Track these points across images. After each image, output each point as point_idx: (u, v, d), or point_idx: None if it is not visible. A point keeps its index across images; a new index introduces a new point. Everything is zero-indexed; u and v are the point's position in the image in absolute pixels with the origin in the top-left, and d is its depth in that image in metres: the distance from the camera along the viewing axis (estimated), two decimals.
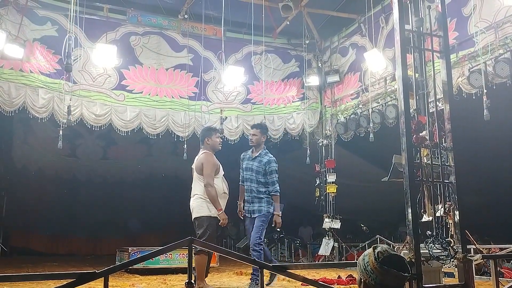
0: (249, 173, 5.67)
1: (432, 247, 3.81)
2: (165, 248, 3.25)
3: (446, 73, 4.08)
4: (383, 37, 8.98)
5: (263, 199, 5.56)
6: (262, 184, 5.60)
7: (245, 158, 5.81)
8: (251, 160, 5.71)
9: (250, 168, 5.67)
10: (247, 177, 5.69)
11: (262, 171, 5.60)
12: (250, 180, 5.66)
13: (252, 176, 5.64)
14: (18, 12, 8.20)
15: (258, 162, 5.63)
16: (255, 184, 5.61)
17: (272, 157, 5.75)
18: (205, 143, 5.52)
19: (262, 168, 5.60)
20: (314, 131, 10.75)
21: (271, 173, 5.62)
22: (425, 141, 4.04)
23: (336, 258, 9.98)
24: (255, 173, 5.62)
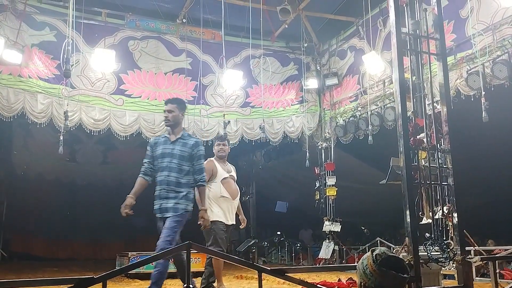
0: (168, 160, 4.45)
1: (431, 249, 3.81)
2: (164, 252, 3.25)
3: (443, 76, 4.08)
4: (381, 39, 9.00)
5: (181, 193, 4.40)
6: (185, 173, 4.45)
7: (158, 143, 4.60)
8: (169, 143, 4.52)
9: (170, 154, 4.46)
10: (165, 165, 4.45)
11: (187, 156, 4.46)
12: (169, 169, 4.43)
13: (172, 164, 4.43)
14: (16, 18, 8.22)
15: (182, 146, 4.48)
16: (175, 174, 4.43)
17: (199, 139, 4.79)
18: None
19: (187, 152, 4.46)
20: (313, 134, 10.76)
21: (199, 158, 4.52)
22: (423, 143, 4.04)
23: (336, 261, 9.96)
24: (177, 159, 4.44)
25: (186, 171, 4.45)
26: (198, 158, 4.51)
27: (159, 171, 4.50)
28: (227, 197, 5.46)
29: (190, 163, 4.48)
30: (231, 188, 5.51)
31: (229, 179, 5.53)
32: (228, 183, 5.52)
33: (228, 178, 5.53)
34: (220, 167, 5.55)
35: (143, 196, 4.67)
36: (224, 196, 5.45)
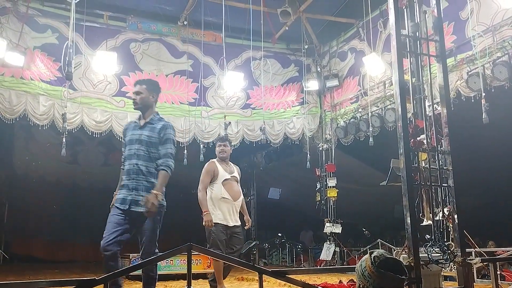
0: (136, 147, 3.94)
1: (431, 250, 3.82)
2: (165, 254, 3.26)
3: (443, 77, 4.11)
4: (381, 41, 9.02)
5: (152, 184, 3.88)
6: (155, 161, 3.93)
7: (128, 128, 4.13)
8: (138, 129, 4.02)
9: (138, 140, 3.95)
10: (132, 153, 3.95)
11: (156, 141, 3.94)
12: (137, 157, 3.93)
13: (140, 151, 3.93)
14: (18, 20, 8.25)
15: (150, 130, 3.96)
16: (143, 162, 3.92)
17: (169, 122, 4.13)
18: None
19: (156, 137, 3.94)
20: (314, 136, 10.78)
21: (165, 142, 3.95)
22: (423, 145, 4.06)
23: (337, 263, 9.96)
24: (145, 145, 3.93)
25: (156, 159, 3.93)
26: (165, 142, 3.95)
27: (127, 159, 4.01)
28: (227, 199, 5.46)
29: (159, 149, 3.95)
30: (232, 190, 5.48)
31: (231, 180, 5.51)
32: (230, 184, 5.50)
33: (230, 179, 5.51)
34: (222, 169, 5.55)
35: None
36: (225, 198, 5.44)
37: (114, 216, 3.88)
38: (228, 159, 5.62)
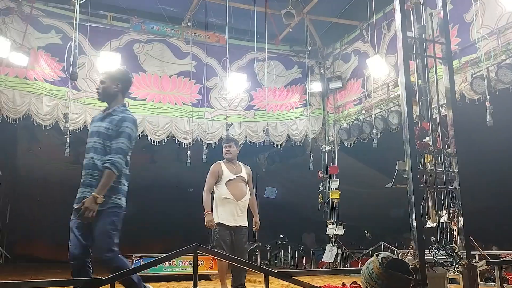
0: (95, 140, 3.53)
1: (437, 253, 3.81)
2: (171, 254, 3.26)
3: (448, 80, 4.10)
4: (385, 43, 9.01)
5: None
6: None
7: (93, 120, 3.75)
8: (99, 120, 3.62)
9: (96, 132, 3.54)
10: (90, 146, 3.54)
11: (113, 134, 3.49)
12: (94, 150, 3.50)
13: (97, 144, 3.50)
14: (22, 21, 8.27)
15: (109, 122, 3.53)
16: (98, 156, 3.47)
17: (131, 115, 3.62)
18: None
19: (113, 129, 3.50)
20: (317, 137, 10.78)
21: (120, 135, 3.48)
22: (429, 147, 4.06)
23: (340, 265, 9.95)
24: (102, 138, 3.50)
25: None
26: (118, 135, 3.48)
27: (85, 152, 3.60)
28: (230, 199, 5.46)
29: None
30: (235, 190, 5.48)
31: (236, 181, 5.51)
32: (234, 184, 5.50)
33: (235, 180, 5.51)
34: (227, 169, 5.56)
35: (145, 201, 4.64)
36: (227, 198, 5.45)
37: (72, 220, 3.59)
38: (235, 160, 5.63)
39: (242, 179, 5.55)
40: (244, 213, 5.49)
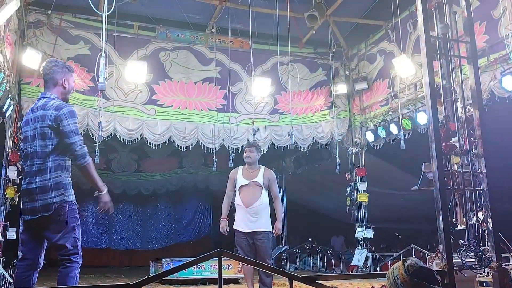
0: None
1: (465, 256, 3.74)
2: (196, 259, 3.30)
3: (474, 79, 4.02)
4: (411, 42, 8.88)
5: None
6: None
7: None
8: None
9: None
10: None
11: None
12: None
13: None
14: (52, 33, 8.53)
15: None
16: None
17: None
18: None
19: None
20: (344, 140, 10.69)
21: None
22: (455, 148, 3.98)
23: (370, 268, 9.84)
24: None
25: None
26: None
27: None
28: (240, 205, 5.50)
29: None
30: (246, 196, 5.47)
31: (248, 186, 5.49)
32: (246, 190, 5.49)
33: (247, 186, 5.49)
34: (241, 175, 5.57)
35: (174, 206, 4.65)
36: (238, 204, 5.53)
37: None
38: (254, 164, 5.60)
39: (256, 184, 5.47)
40: (259, 218, 5.41)
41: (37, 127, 3.31)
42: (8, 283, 7.80)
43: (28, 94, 8.34)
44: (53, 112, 3.30)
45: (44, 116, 3.31)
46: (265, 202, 5.51)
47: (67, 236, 3.28)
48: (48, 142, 3.30)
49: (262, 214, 5.45)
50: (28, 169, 3.32)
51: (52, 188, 3.28)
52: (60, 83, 3.49)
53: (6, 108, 6.82)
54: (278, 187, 5.77)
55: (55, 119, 3.29)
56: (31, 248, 3.35)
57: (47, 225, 3.26)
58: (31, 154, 3.32)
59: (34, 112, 3.39)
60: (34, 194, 3.26)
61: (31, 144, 3.33)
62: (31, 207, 3.26)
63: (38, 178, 3.28)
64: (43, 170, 3.28)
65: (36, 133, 3.31)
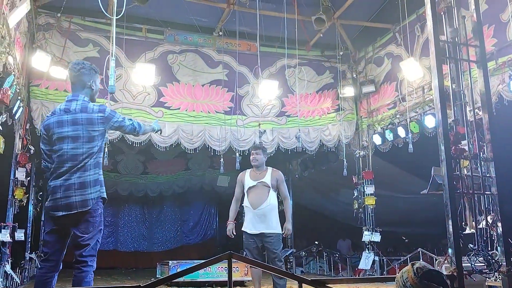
0: None
1: (475, 260, 3.72)
2: (206, 262, 3.31)
3: (483, 83, 4.02)
4: (419, 45, 8.87)
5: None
6: None
7: None
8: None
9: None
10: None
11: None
12: None
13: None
14: (61, 36, 8.60)
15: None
16: None
17: None
18: None
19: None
20: (351, 142, 10.68)
21: None
22: (465, 152, 3.98)
23: (377, 272, 9.80)
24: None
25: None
26: None
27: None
28: (248, 207, 5.52)
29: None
30: (253, 197, 5.48)
31: (256, 188, 5.49)
32: (253, 192, 5.51)
33: (255, 187, 5.49)
34: (249, 177, 5.59)
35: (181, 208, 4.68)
36: (246, 206, 5.54)
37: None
38: (261, 166, 5.61)
39: (264, 185, 5.47)
40: (267, 220, 5.39)
41: (83, 130, 3.40)
42: (16, 283, 7.84)
43: (37, 96, 8.42)
44: (99, 115, 3.45)
45: (91, 119, 3.43)
46: (273, 203, 5.49)
47: (94, 238, 3.38)
48: (95, 144, 3.43)
49: (271, 216, 5.43)
50: (68, 168, 3.36)
51: (91, 185, 3.38)
52: (88, 85, 3.57)
53: (15, 110, 6.86)
54: (287, 187, 5.73)
55: (105, 120, 3.46)
56: (58, 249, 3.41)
57: (78, 223, 3.33)
58: (72, 155, 3.37)
59: (72, 113, 3.44)
60: (71, 190, 3.32)
61: (70, 145, 3.38)
62: (67, 202, 3.31)
63: (77, 174, 3.35)
64: (83, 168, 3.37)
65: (81, 135, 3.40)
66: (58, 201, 3.33)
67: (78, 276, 3.32)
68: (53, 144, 3.43)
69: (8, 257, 7.47)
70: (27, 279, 9.01)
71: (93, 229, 3.37)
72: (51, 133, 3.43)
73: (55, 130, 3.42)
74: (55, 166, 3.40)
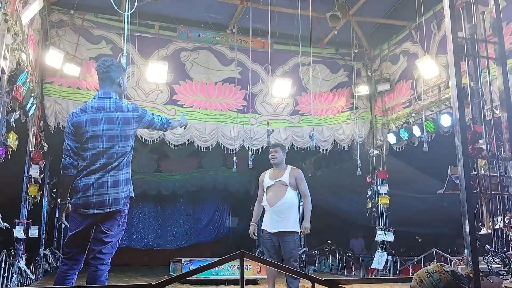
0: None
1: (491, 261, 3.64)
2: (219, 260, 3.28)
3: (502, 80, 3.91)
4: (435, 43, 8.72)
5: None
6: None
7: None
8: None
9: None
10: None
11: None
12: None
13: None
14: (74, 33, 8.63)
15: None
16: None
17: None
18: None
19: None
20: (365, 141, 10.56)
21: None
22: (482, 151, 3.88)
23: (390, 272, 9.69)
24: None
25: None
26: None
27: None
28: (266, 205, 5.51)
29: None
30: (271, 196, 5.48)
31: (274, 186, 5.48)
32: (271, 190, 5.50)
33: (273, 185, 5.48)
34: (267, 176, 5.59)
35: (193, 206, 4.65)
36: (265, 205, 5.52)
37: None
38: (281, 164, 5.60)
39: (282, 183, 5.44)
40: (284, 218, 5.35)
41: (119, 129, 3.42)
42: (30, 280, 7.91)
43: (50, 94, 8.47)
44: (134, 113, 3.50)
45: (128, 119, 3.46)
46: (290, 201, 5.44)
47: (117, 236, 3.43)
48: (129, 143, 3.48)
49: (288, 214, 5.38)
50: (101, 166, 3.36)
51: (123, 183, 3.41)
52: (116, 82, 3.55)
53: (29, 107, 6.90)
54: (307, 185, 5.63)
55: (138, 119, 3.53)
56: (82, 248, 3.41)
57: (105, 220, 3.35)
58: (108, 154, 3.38)
59: (106, 112, 3.43)
60: (105, 188, 3.34)
61: (106, 144, 3.38)
62: (100, 200, 3.32)
63: (111, 173, 3.37)
64: (117, 167, 3.39)
65: (117, 134, 3.41)
66: (90, 199, 3.33)
67: (93, 274, 3.32)
68: (84, 142, 3.40)
69: (23, 253, 7.54)
70: (41, 275, 9.08)
71: (118, 228, 3.40)
72: (83, 130, 3.40)
73: (88, 128, 3.40)
74: (87, 164, 3.38)
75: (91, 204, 3.31)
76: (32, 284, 7.97)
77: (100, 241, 3.33)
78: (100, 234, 3.34)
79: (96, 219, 3.34)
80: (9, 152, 6.13)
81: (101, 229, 3.34)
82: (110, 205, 3.31)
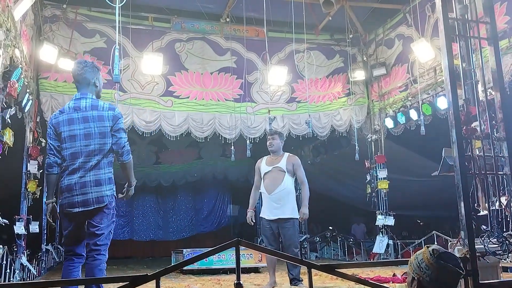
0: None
1: (488, 242, 3.65)
2: (213, 250, 3.30)
3: (495, 61, 3.90)
4: (430, 26, 8.69)
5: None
6: None
7: None
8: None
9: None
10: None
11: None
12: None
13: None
14: (68, 27, 8.60)
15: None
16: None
17: None
18: None
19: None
20: (362, 127, 10.57)
21: None
22: (476, 132, 3.88)
23: (391, 256, 9.75)
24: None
25: None
26: None
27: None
28: (263, 192, 5.54)
29: None
30: (268, 183, 5.51)
31: (271, 172, 5.50)
32: (268, 177, 5.52)
33: (271, 172, 5.50)
34: (265, 163, 5.61)
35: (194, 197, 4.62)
36: (262, 191, 5.56)
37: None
38: (277, 152, 5.63)
39: (279, 170, 5.47)
40: (283, 205, 5.40)
41: (94, 127, 3.49)
42: (33, 275, 7.96)
43: (46, 89, 8.46)
44: (110, 112, 3.56)
45: (102, 116, 3.52)
46: (288, 188, 5.47)
47: (108, 227, 3.53)
48: (107, 140, 3.52)
49: (286, 200, 5.42)
50: (80, 165, 3.45)
51: (106, 182, 3.51)
52: (92, 82, 3.66)
53: (25, 103, 6.90)
54: (304, 172, 5.66)
55: (113, 118, 3.55)
56: (80, 243, 3.52)
57: (93, 215, 3.46)
58: (86, 152, 3.46)
59: (82, 111, 3.52)
60: (87, 187, 3.43)
61: (83, 142, 3.47)
62: (84, 199, 3.42)
63: (92, 172, 3.45)
64: (97, 166, 3.48)
65: (92, 132, 3.48)
66: (74, 198, 3.43)
67: (91, 264, 3.42)
68: (63, 142, 3.49)
69: (24, 249, 7.58)
70: (44, 270, 9.14)
71: (108, 220, 3.51)
72: (60, 130, 3.50)
73: (65, 127, 3.49)
74: (68, 164, 3.47)
75: (75, 203, 3.42)
76: (35, 279, 8.02)
77: (93, 234, 3.45)
78: (91, 229, 3.46)
79: (84, 216, 3.45)
80: (6, 149, 6.13)
81: (91, 224, 3.46)
82: (94, 203, 3.42)
